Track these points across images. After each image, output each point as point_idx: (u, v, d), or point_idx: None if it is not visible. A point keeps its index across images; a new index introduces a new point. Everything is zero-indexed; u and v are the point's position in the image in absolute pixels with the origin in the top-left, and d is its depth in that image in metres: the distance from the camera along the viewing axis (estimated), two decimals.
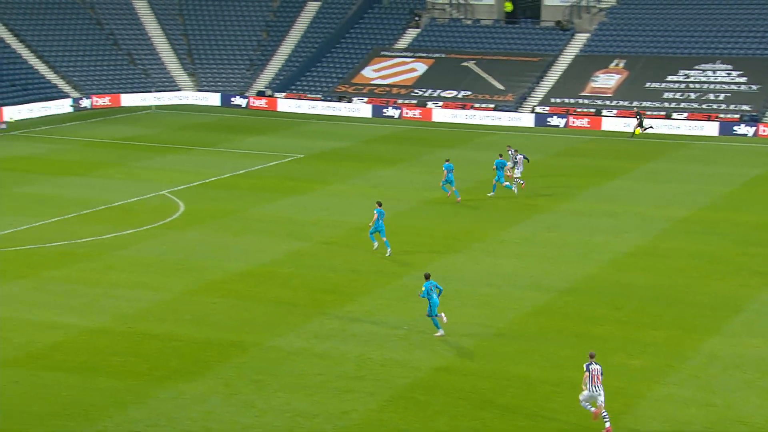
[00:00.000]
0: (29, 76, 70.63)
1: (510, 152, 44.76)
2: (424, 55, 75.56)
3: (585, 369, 21.39)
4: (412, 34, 79.01)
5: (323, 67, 76.77)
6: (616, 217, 40.45)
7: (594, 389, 21.25)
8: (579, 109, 66.11)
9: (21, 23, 75.57)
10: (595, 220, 39.88)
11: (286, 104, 72.51)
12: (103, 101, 71.70)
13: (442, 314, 26.83)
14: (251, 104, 73.13)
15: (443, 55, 75.03)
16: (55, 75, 73.04)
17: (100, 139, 58.15)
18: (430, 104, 69.88)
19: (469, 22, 79.11)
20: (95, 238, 36.19)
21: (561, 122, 65.41)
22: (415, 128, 65.59)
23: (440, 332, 26.90)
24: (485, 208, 41.86)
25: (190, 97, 75.14)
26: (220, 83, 76.89)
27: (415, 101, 70.57)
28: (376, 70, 74.69)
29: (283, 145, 57.53)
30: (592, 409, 21.42)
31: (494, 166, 43.39)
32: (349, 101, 71.94)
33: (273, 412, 22.45)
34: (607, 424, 21.24)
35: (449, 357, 25.80)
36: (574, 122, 65.18)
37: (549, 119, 65.90)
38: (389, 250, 34.38)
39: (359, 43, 78.64)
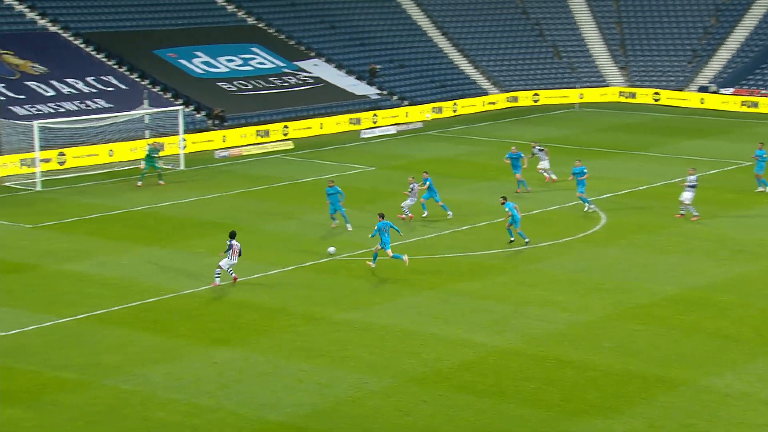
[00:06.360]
0: (449, 72, 74.75)
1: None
2: None
3: (229, 245, 32.34)
4: None
5: None
6: None
7: (232, 259, 32.62)
8: None
9: (446, 16, 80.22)
10: None
11: (733, 102, 70.00)
12: (523, 98, 73.95)
13: (404, 256, 33.35)
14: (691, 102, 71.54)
15: None
16: (474, 70, 76.60)
17: (517, 141, 59.93)
18: None
19: None
20: (508, 250, 37.27)
21: None
22: None
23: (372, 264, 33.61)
24: None
25: (618, 93, 75.04)
26: (654, 77, 75.92)
27: None
28: None
29: (727, 150, 55.56)
30: (233, 274, 32.65)
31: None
32: None
33: None
34: (233, 275, 32.79)
35: None
36: None
37: None
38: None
39: None
